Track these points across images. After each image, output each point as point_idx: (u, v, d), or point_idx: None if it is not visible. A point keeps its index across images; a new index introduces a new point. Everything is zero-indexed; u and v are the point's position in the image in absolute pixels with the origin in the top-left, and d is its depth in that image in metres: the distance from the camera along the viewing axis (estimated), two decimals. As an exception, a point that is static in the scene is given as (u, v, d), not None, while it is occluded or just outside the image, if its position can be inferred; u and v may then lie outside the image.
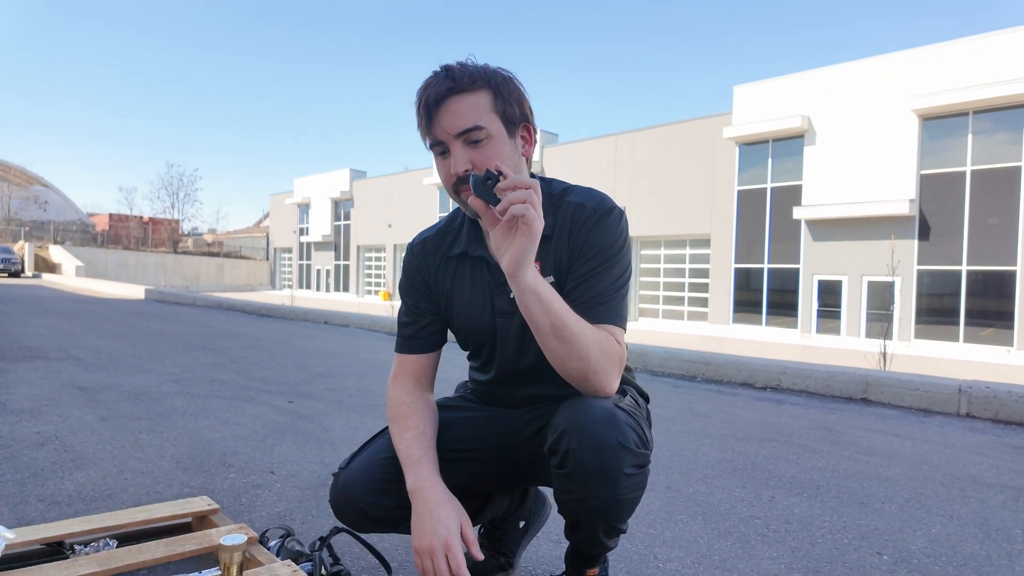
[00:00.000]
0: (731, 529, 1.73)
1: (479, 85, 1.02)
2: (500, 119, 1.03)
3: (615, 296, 1.06)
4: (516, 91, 1.06)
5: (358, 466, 1.13)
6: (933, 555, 1.60)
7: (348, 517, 1.13)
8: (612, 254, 1.07)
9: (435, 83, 1.02)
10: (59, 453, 2.20)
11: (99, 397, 3.18)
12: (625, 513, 1.03)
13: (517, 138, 1.07)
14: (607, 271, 1.06)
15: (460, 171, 1.02)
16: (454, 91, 1.01)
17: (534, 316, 0.98)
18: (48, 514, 1.65)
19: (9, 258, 24.65)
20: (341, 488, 1.12)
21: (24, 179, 47.24)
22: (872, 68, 16.03)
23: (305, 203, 37.03)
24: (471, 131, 1.01)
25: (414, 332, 1.22)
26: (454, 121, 1.01)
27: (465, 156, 1.02)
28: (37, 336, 5.73)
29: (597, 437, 0.95)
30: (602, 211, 1.08)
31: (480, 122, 1.01)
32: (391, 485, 1.10)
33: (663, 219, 20.29)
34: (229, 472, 2.07)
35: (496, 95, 1.03)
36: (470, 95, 1.01)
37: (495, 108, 1.03)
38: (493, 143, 1.02)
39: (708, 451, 2.56)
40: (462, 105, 1.01)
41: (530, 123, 1.09)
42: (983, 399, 3.38)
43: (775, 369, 4.22)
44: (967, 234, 15.00)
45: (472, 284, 1.17)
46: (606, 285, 1.06)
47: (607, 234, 1.07)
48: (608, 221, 1.08)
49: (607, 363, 1.01)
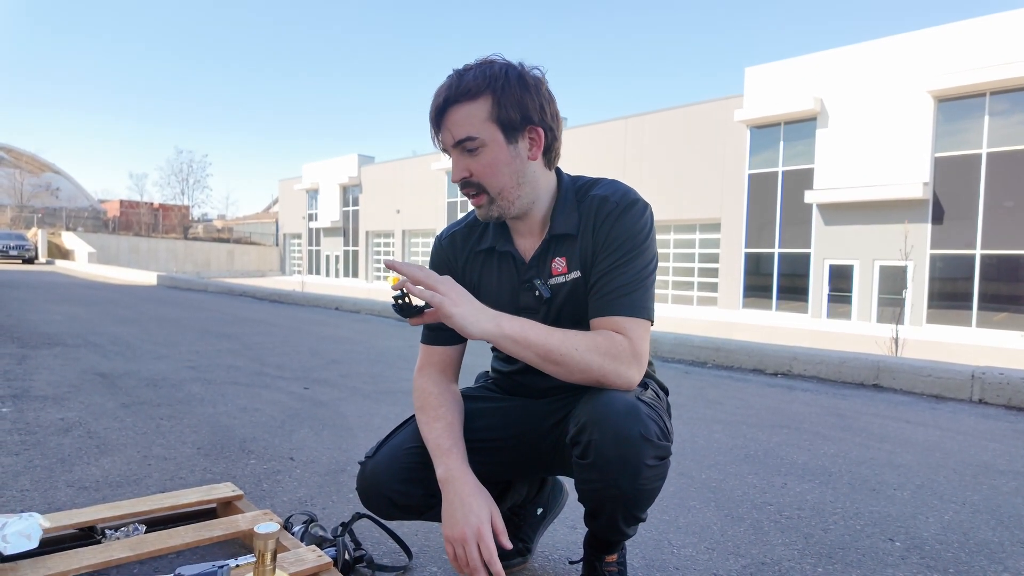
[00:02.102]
0: (744, 515, 1.75)
1: (478, 93, 1.03)
2: (497, 126, 1.04)
3: (638, 288, 1.07)
4: (519, 96, 1.05)
5: (385, 455, 1.16)
6: (945, 542, 1.61)
7: (375, 505, 1.16)
8: (635, 245, 1.08)
9: (437, 94, 1.06)
10: (84, 439, 2.25)
11: (119, 384, 3.24)
12: (645, 503, 1.05)
13: (520, 143, 1.07)
14: (630, 263, 1.07)
15: (457, 180, 1.09)
16: (450, 102, 1.05)
17: (518, 355, 1.03)
18: (77, 499, 1.70)
19: (23, 245, 24.89)
20: (368, 476, 1.15)
21: (36, 166, 47.54)
22: (886, 48, 15.75)
23: (314, 189, 37.07)
24: (464, 141, 1.05)
25: (440, 324, 1.22)
26: (450, 132, 1.06)
27: (462, 164, 1.07)
28: (54, 323, 5.82)
29: (619, 429, 0.97)
30: (625, 203, 1.09)
31: (472, 132, 1.04)
32: (418, 474, 1.12)
33: (673, 204, 20.16)
34: (249, 458, 2.11)
35: (495, 103, 1.04)
36: (466, 105, 1.04)
37: (492, 116, 1.04)
38: (488, 152, 1.05)
39: (720, 437, 2.58)
40: (457, 116, 1.05)
41: (538, 124, 1.08)
42: (996, 385, 3.37)
43: (786, 355, 4.22)
44: (982, 217, 14.81)
45: (499, 278, 1.19)
46: (628, 277, 1.07)
47: (630, 226, 1.08)
48: (631, 213, 1.09)
49: (615, 364, 1.02)
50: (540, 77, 1.09)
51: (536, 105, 1.07)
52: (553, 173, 1.16)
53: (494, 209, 1.10)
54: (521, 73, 1.06)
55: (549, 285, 1.14)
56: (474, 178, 1.07)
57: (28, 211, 37.48)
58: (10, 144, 49.28)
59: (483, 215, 1.12)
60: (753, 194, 18.52)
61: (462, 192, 1.11)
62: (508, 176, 1.07)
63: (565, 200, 1.14)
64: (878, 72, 15.84)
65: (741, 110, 18.11)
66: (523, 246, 1.18)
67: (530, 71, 1.08)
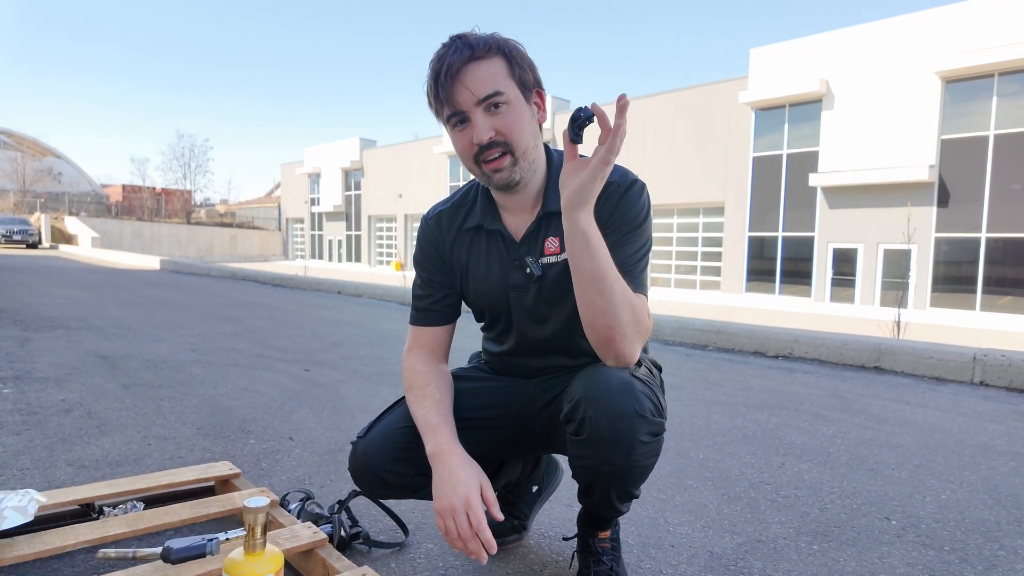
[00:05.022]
0: (741, 494, 1.75)
1: (494, 52, 1.03)
2: (517, 85, 1.04)
3: (636, 266, 1.07)
4: (527, 58, 1.07)
5: (376, 435, 1.16)
6: (942, 520, 1.61)
7: (367, 484, 1.16)
8: (635, 226, 1.08)
9: (452, 52, 1.01)
10: (84, 420, 2.27)
11: (120, 365, 3.25)
12: (639, 479, 1.05)
13: (532, 104, 1.08)
14: (629, 242, 1.08)
15: (484, 139, 1.01)
16: (473, 58, 1.01)
17: (578, 259, 0.98)
18: (76, 478, 1.71)
19: (27, 229, 24.93)
20: (360, 456, 1.15)
21: (38, 150, 47.44)
22: (894, 29, 15.51)
23: (316, 173, 36.95)
24: (493, 96, 1.01)
25: (428, 305, 1.23)
26: (476, 87, 1.00)
27: (488, 123, 1.01)
28: (57, 306, 5.84)
29: (613, 405, 0.97)
30: (625, 184, 1.09)
31: (501, 87, 1.02)
32: (409, 453, 1.12)
33: (676, 187, 20.03)
34: (249, 438, 2.12)
35: (510, 62, 1.04)
36: (487, 62, 1.02)
37: (511, 74, 1.03)
38: (513, 109, 1.03)
39: (719, 419, 2.58)
40: (481, 72, 1.01)
41: (542, 89, 1.10)
42: (998, 367, 3.36)
43: (787, 337, 4.21)
44: (988, 200, 14.68)
45: (488, 258, 1.17)
46: (627, 255, 1.07)
47: (630, 207, 1.08)
48: (631, 193, 1.09)
49: (635, 329, 1.01)
50: None
51: (536, 69, 1.08)
52: (542, 146, 1.15)
53: (516, 172, 1.05)
54: (515, 41, 1.07)
55: (540, 264, 1.12)
56: (500, 136, 1.02)
57: (31, 196, 37.48)
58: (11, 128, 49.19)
59: (503, 179, 1.05)
60: (757, 177, 18.38)
61: (480, 158, 1.03)
62: (530, 135, 1.06)
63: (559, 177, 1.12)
64: (885, 53, 15.62)
65: (746, 92, 17.91)
66: (513, 223, 1.16)
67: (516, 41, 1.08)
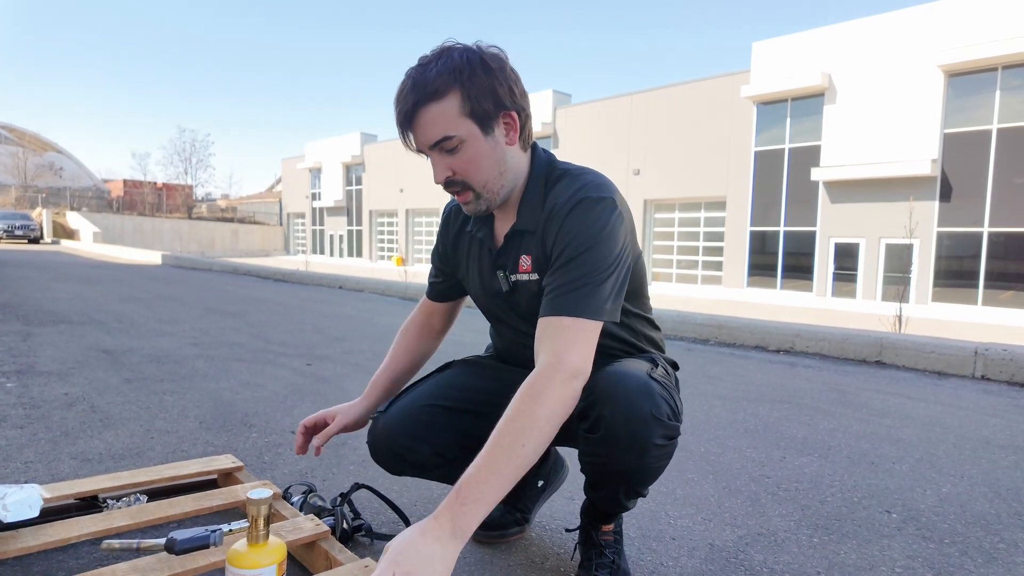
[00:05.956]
0: (742, 488, 1.76)
1: (444, 90, 0.98)
2: (471, 120, 1.00)
3: (587, 284, 0.99)
4: (486, 83, 1.00)
5: (397, 411, 1.21)
6: (942, 513, 1.62)
7: (385, 459, 1.22)
8: (585, 246, 1.00)
9: (402, 96, 1.01)
10: (87, 413, 2.27)
11: (123, 360, 3.26)
12: (649, 480, 1.06)
13: (497, 130, 1.04)
14: (575, 265, 1.00)
15: (440, 180, 1.05)
16: (419, 104, 0.99)
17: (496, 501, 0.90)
18: (80, 471, 1.72)
19: (28, 225, 24.96)
20: (380, 431, 1.20)
21: (39, 145, 47.44)
22: (896, 22, 15.43)
23: (317, 168, 36.90)
24: (442, 141, 1.01)
25: (431, 280, 1.38)
26: (425, 134, 1.01)
27: (444, 164, 1.03)
28: (60, 301, 5.85)
29: (630, 406, 0.96)
30: (575, 201, 1.03)
31: (449, 131, 1.00)
32: (427, 432, 1.18)
33: (678, 182, 19.99)
34: (251, 432, 2.13)
35: (464, 96, 0.99)
36: (436, 104, 0.99)
37: (463, 110, 1.00)
38: (468, 147, 1.02)
39: (720, 412, 2.58)
40: (428, 117, 1.00)
41: (511, 108, 1.03)
42: (1000, 361, 3.36)
43: (788, 332, 4.21)
44: (990, 195, 14.63)
45: (478, 261, 1.22)
46: (577, 274, 1.00)
47: (578, 223, 1.02)
48: (579, 210, 1.03)
49: (551, 402, 0.92)
50: (502, 57, 1.03)
51: (505, 88, 1.02)
52: (528, 153, 1.12)
53: (481, 203, 1.08)
54: (483, 57, 1.00)
55: (513, 280, 1.14)
56: (457, 176, 1.04)
57: (32, 191, 37.50)
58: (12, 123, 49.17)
59: (471, 211, 1.09)
60: (759, 172, 18.33)
61: (446, 191, 1.08)
62: (490, 168, 1.04)
63: (533, 191, 1.10)
64: (887, 46, 15.55)
65: (748, 86, 17.84)
66: (501, 229, 1.17)
67: (489, 52, 1.02)
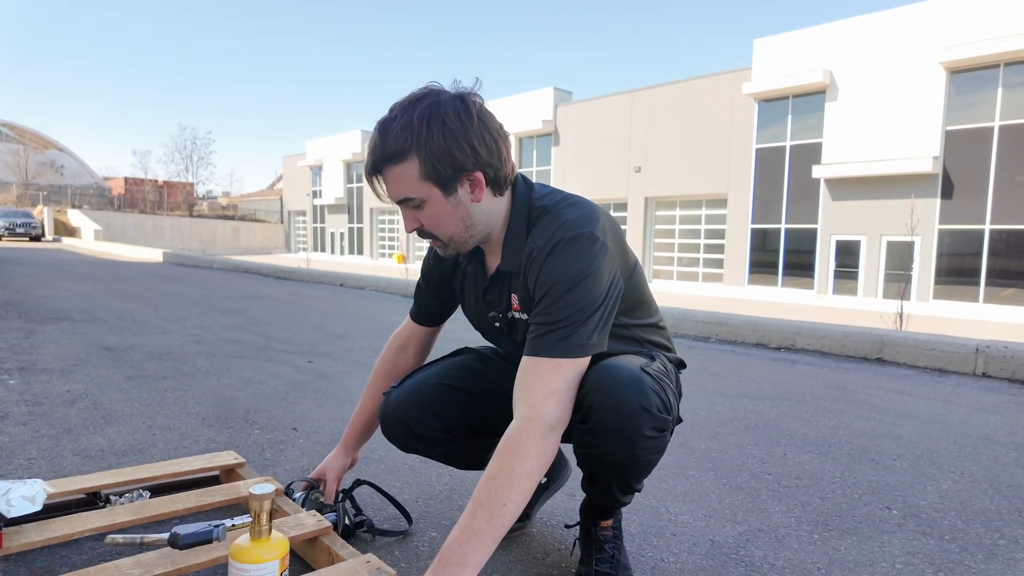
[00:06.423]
0: (742, 484, 1.76)
1: (403, 155, 1.00)
2: (431, 183, 1.02)
3: (568, 325, 0.98)
4: (444, 149, 0.98)
5: (409, 386, 1.27)
6: (942, 510, 1.62)
7: (395, 432, 1.27)
8: (566, 287, 0.99)
9: (370, 150, 1.04)
10: (89, 410, 2.28)
11: (124, 357, 3.27)
12: (641, 473, 1.06)
13: (460, 189, 1.04)
14: (562, 302, 0.99)
15: (409, 231, 1.10)
16: (379, 165, 1.03)
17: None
18: (83, 467, 1.72)
19: (30, 222, 24.98)
20: (392, 404, 1.26)
21: (39, 143, 47.40)
22: (898, 19, 15.39)
23: (318, 165, 36.89)
24: (404, 201, 1.05)
25: (416, 300, 1.39)
26: (389, 191, 1.05)
27: (411, 216, 1.07)
28: (61, 299, 5.86)
29: (619, 398, 0.97)
30: (551, 244, 1.02)
31: (409, 193, 1.03)
32: (438, 408, 1.24)
33: (679, 179, 19.97)
34: (253, 429, 2.13)
35: (422, 161, 0.99)
36: (397, 166, 1.01)
37: (422, 174, 1.01)
38: (429, 207, 1.05)
39: (721, 409, 2.59)
40: (391, 176, 1.03)
41: (472, 170, 1.02)
42: (1001, 359, 3.36)
43: (789, 329, 4.21)
44: (992, 192, 14.61)
45: (474, 290, 1.24)
46: (558, 316, 0.99)
47: (556, 267, 1.01)
48: (556, 253, 1.01)
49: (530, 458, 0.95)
50: (467, 112, 1.00)
51: (467, 151, 1.00)
52: (507, 194, 1.11)
53: (451, 250, 1.12)
54: (444, 118, 0.98)
55: (509, 318, 1.17)
56: (425, 228, 1.08)
57: (33, 189, 37.51)
58: (13, 121, 49.16)
59: (445, 255, 1.14)
60: (760, 169, 18.31)
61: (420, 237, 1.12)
62: (454, 225, 1.07)
63: (515, 231, 1.10)
64: (889, 43, 15.51)
65: (749, 83, 17.81)
66: (490, 264, 1.19)
67: (453, 110, 0.99)
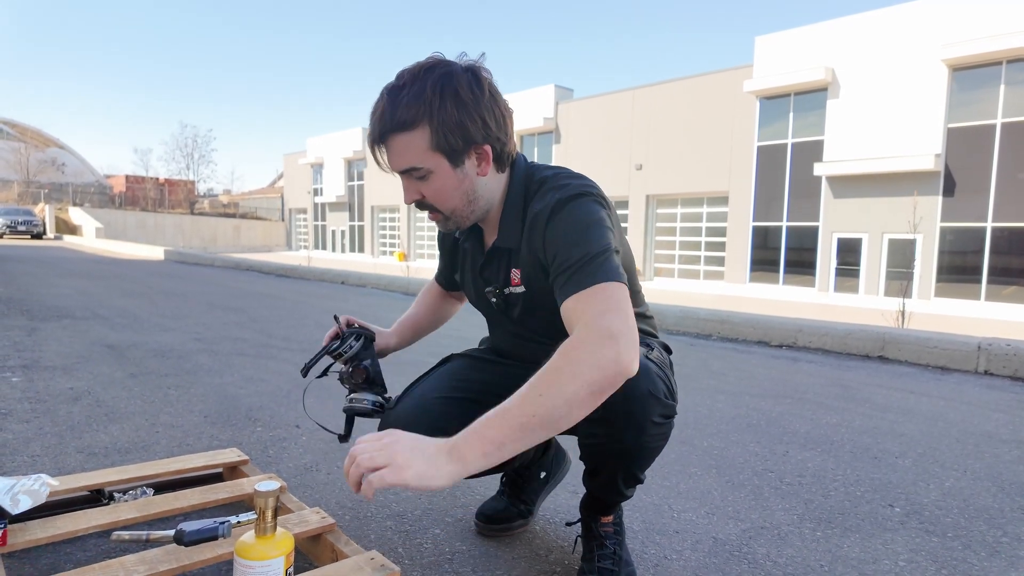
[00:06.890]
0: (745, 482, 1.76)
1: (413, 122, 0.98)
2: (440, 153, 1.00)
3: (595, 259, 0.95)
4: (457, 119, 0.98)
5: (412, 405, 1.21)
6: (945, 507, 1.62)
7: None
8: (575, 231, 0.99)
9: (375, 118, 1.01)
10: (93, 407, 2.29)
11: (127, 355, 3.27)
12: (646, 461, 1.07)
13: (468, 162, 1.03)
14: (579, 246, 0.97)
15: (409, 203, 1.08)
16: (387, 133, 1.00)
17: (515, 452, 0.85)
18: (86, 464, 1.73)
19: (31, 220, 25.03)
20: (392, 426, 1.19)
21: (41, 140, 47.43)
22: (900, 16, 15.35)
23: (318, 163, 36.87)
24: (409, 171, 1.03)
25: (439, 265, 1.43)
26: (394, 160, 1.03)
27: (413, 187, 1.05)
28: (63, 296, 5.86)
29: (628, 384, 0.96)
30: (552, 203, 1.02)
31: (416, 163, 1.01)
32: (445, 423, 1.15)
33: (680, 176, 19.94)
34: (255, 426, 2.14)
35: (433, 131, 0.98)
36: (405, 134, 0.99)
37: (432, 144, 0.99)
38: (435, 178, 1.03)
39: (723, 407, 2.59)
40: (398, 145, 1.01)
41: (482, 143, 1.02)
42: (1003, 356, 3.36)
43: (791, 327, 4.21)
44: (994, 190, 14.58)
45: (471, 266, 1.24)
46: (581, 253, 0.96)
47: (563, 222, 1.01)
48: (559, 209, 1.01)
49: (591, 366, 0.84)
50: (481, 81, 1.00)
51: (478, 123, 1.00)
52: (506, 173, 1.11)
53: (451, 224, 1.11)
54: (457, 89, 0.98)
55: (506, 294, 1.16)
56: (426, 200, 1.06)
57: (35, 186, 37.56)
58: (14, 119, 49.19)
59: (443, 229, 1.14)
60: (761, 167, 18.28)
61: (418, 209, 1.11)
62: (458, 198, 1.06)
63: (512, 208, 1.11)
64: (891, 41, 15.47)
65: (750, 81, 17.78)
66: (487, 240, 1.20)
67: (466, 81, 0.99)
